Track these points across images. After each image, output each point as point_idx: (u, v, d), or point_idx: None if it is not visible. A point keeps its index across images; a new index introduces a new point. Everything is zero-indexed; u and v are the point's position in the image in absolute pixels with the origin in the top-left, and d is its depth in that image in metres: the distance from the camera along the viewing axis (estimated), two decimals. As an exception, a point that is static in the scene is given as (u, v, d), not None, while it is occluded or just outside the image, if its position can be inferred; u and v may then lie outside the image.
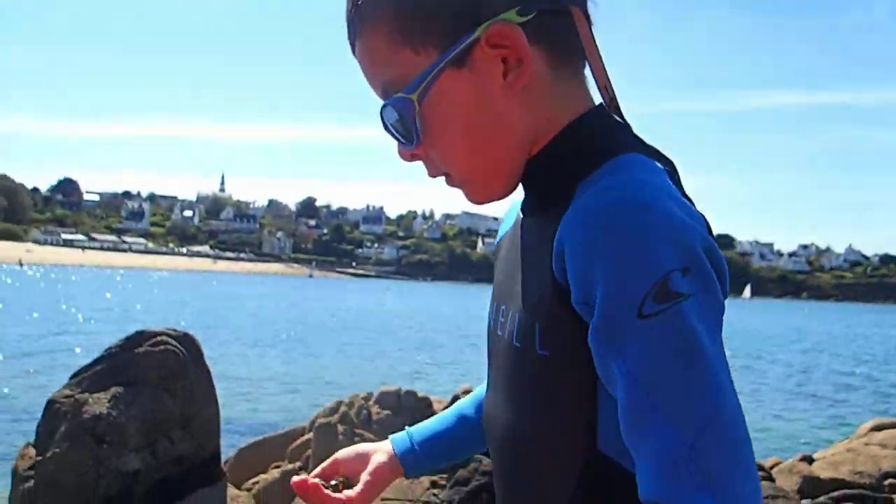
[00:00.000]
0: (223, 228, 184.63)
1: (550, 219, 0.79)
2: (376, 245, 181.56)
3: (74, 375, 5.75)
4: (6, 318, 27.08)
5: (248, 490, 6.83)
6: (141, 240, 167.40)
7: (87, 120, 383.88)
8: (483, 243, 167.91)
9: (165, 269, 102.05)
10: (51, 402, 5.54)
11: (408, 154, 0.86)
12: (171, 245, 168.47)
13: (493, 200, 0.88)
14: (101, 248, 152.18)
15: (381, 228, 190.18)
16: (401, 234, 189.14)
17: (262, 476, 7.19)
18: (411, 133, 0.83)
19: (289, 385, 18.28)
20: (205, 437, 5.84)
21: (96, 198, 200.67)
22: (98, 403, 5.44)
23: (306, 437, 8.08)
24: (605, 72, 0.85)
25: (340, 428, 7.40)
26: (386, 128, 0.85)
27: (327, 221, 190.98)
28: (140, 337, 5.94)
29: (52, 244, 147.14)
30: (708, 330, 0.70)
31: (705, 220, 0.77)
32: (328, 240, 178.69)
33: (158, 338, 5.83)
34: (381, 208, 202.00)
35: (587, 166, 0.80)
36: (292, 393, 17.34)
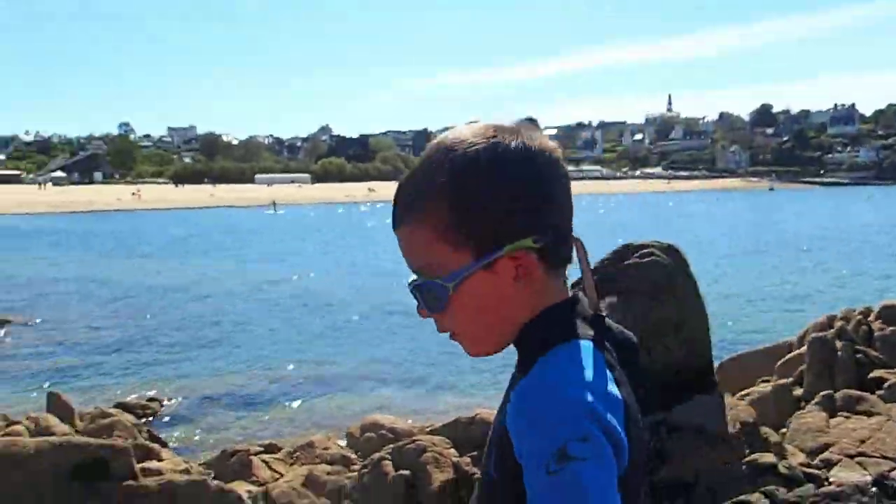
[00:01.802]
0: (674, 148, 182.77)
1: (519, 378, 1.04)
2: (848, 148, 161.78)
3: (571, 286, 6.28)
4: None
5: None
6: (596, 167, 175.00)
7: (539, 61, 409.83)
8: None
9: (620, 193, 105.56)
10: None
11: (425, 314, 1.11)
12: (623, 170, 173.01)
13: (485, 356, 1.13)
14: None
15: (853, 129, 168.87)
16: (880, 132, 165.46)
17: (753, 389, 7.04)
18: (437, 306, 1.07)
19: (758, 302, 17.56)
20: (697, 345, 5.90)
21: (553, 132, 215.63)
22: (596, 311, 5.85)
23: (796, 352, 7.66)
24: (595, 288, 1.12)
25: (838, 344, 6.83)
26: (412, 291, 1.10)
27: (787, 128, 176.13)
28: (627, 250, 6.20)
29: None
30: (599, 486, 0.89)
31: (622, 402, 0.98)
32: (789, 148, 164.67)
33: (645, 249, 6.02)
34: (853, 105, 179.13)
35: (543, 347, 1.02)
36: (766, 312, 16.62)
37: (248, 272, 26.42)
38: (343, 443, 8.05)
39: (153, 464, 6.33)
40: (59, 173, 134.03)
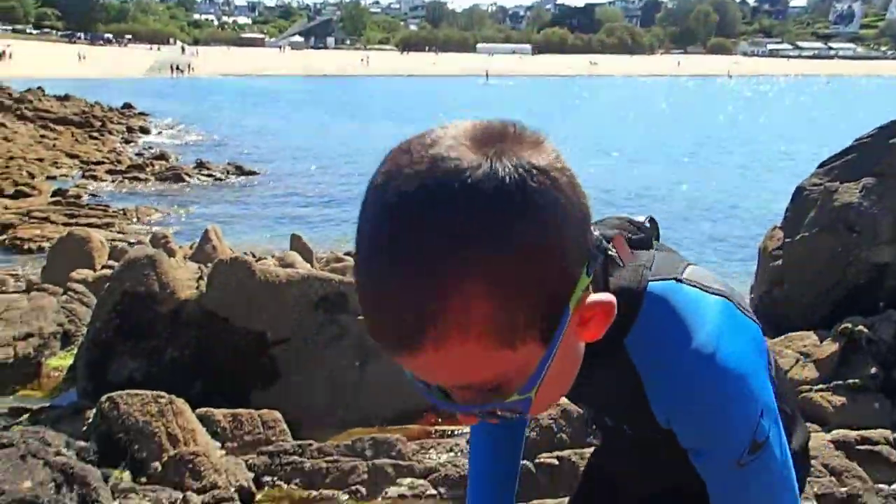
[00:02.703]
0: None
1: (607, 364, 0.92)
2: None
3: (823, 164, 5.74)
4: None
5: None
6: (849, 45, 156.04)
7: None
8: None
9: (879, 76, 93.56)
10: (800, 189, 5.68)
11: (475, 420, 0.88)
12: (883, 49, 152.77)
13: None
14: (806, 57, 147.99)
15: None
16: None
17: None
18: (519, 416, 0.81)
19: None
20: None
21: (803, 3, 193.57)
22: (848, 193, 5.33)
23: None
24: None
25: None
26: (481, 416, 0.82)
27: None
28: (893, 126, 5.52)
29: (757, 55, 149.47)
30: (781, 445, 0.93)
31: (756, 326, 0.96)
32: None
33: (918, 127, 5.32)
34: None
35: (626, 324, 0.89)
36: None
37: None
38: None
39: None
40: (297, 38, 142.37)
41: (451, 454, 4.14)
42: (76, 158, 17.28)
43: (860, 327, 4.60)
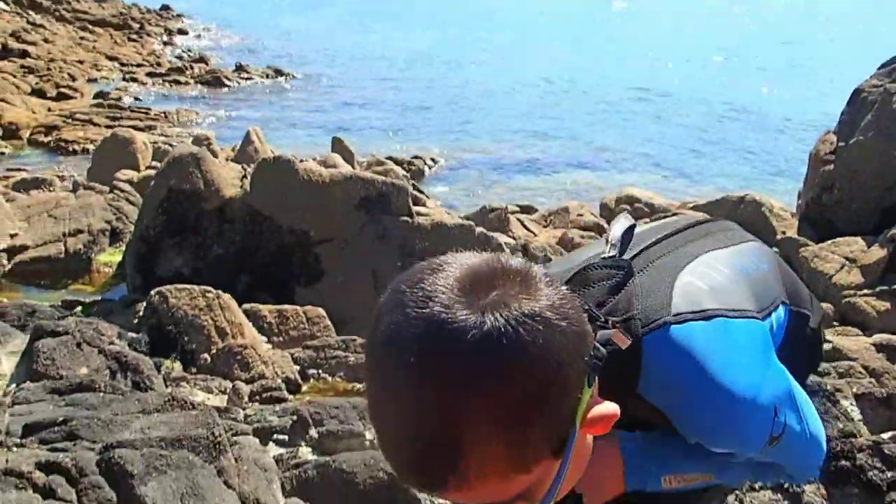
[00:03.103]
0: None
1: (630, 408, 0.97)
2: None
3: (884, 66, 5.49)
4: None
5: None
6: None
7: None
8: None
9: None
10: (857, 91, 5.46)
11: None
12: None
13: None
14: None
15: None
16: None
17: None
18: None
19: None
20: None
21: None
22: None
23: None
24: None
25: None
26: None
27: None
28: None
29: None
30: (800, 420, 1.08)
31: (753, 320, 1.06)
32: None
33: None
34: None
35: (633, 376, 0.99)
36: None
37: (522, 54, 26.27)
38: (596, 211, 8.14)
39: (422, 209, 6.85)
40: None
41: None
42: (116, 61, 17.28)
43: (911, 234, 4.50)
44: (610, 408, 0.82)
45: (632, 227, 1.08)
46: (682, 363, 0.97)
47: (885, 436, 3.07)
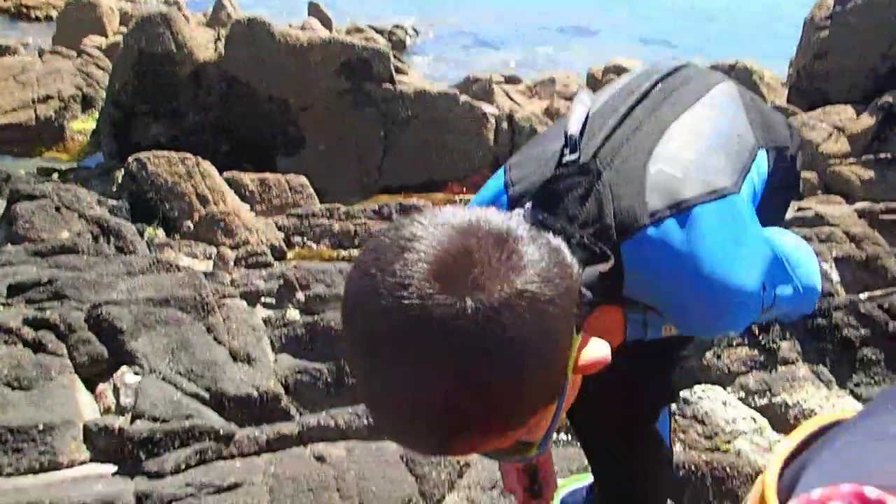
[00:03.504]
0: None
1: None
2: None
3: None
4: None
5: None
6: None
7: None
8: None
9: None
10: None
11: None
12: None
13: None
14: None
15: None
16: None
17: None
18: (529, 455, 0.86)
19: None
20: None
21: None
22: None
23: None
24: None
25: None
26: (492, 456, 0.89)
27: None
28: None
29: None
30: (786, 279, 1.11)
31: (732, 195, 1.02)
32: None
33: None
34: None
35: (618, 282, 0.99)
36: None
37: None
38: (583, 82, 7.99)
39: (405, 77, 6.67)
40: None
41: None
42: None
43: (901, 101, 4.45)
44: (600, 352, 0.82)
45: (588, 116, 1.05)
46: (662, 264, 0.97)
47: (863, 296, 3.13)
